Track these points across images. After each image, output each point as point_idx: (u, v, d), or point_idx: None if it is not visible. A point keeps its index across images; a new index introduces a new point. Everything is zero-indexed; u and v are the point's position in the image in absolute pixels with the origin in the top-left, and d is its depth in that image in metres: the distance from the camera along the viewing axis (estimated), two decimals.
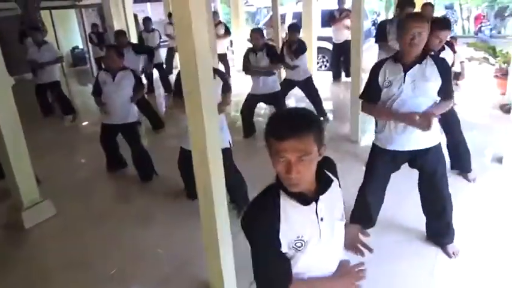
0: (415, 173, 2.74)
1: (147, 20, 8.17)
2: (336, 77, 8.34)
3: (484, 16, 15.81)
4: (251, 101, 5.32)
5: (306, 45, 5.83)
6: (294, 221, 1.23)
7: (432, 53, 2.95)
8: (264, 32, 6.27)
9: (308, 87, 5.78)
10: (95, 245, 3.19)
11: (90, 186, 4.31)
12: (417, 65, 2.41)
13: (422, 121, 2.33)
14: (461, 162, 3.73)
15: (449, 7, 16.66)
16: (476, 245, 2.82)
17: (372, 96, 2.57)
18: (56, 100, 6.94)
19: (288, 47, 5.63)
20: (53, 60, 6.52)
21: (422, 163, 2.63)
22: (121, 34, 6.05)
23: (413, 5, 4.59)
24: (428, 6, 4.87)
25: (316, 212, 1.25)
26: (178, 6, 1.87)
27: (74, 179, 4.48)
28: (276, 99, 5.21)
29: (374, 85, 2.53)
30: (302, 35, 6.64)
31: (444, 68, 2.45)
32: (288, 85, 5.79)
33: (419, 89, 2.39)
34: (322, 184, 1.27)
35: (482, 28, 14.20)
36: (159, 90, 8.32)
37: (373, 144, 2.76)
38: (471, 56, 7.03)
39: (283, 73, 6.65)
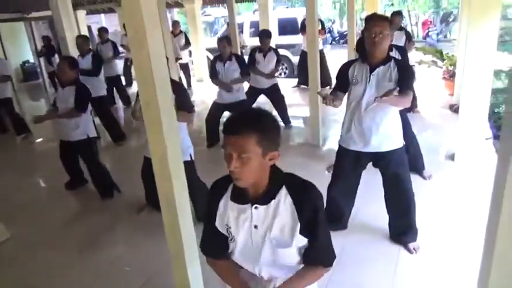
0: (379, 173, 2.83)
1: (102, 30, 7.93)
2: (303, 84, 8.27)
3: (431, 22, 16.71)
4: (216, 109, 5.22)
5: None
6: (228, 210, 1.36)
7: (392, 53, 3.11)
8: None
9: (274, 94, 5.79)
10: (54, 268, 3.01)
11: (47, 205, 4.10)
12: (381, 67, 2.53)
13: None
14: (414, 164, 3.82)
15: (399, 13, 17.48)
16: (435, 240, 2.93)
17: (341, 88, 2.70)
18: (9, 118, 6.59)
19: (263, 56, 5.60)
20: (2, 78, 6.05)
21: (385, 165, 2.72)
22: (81, 38, 5.74)
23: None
24: (397, 16, 5.22)
25: (252, 216, 1.31)
26: (132, 17, 1.84)
27: (29, 199, 4.25)
28: (239, 106, 5.22)
29: (343, 79, 2.68)
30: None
31: (402, 66, 2.54)
32: (254, 93, 5.74)
33: (382, 89, 2.48)
34: (266, 195, 1.30)
35: (430, 33, 15.00)
36: (118, 103, 8.12)
37: (339, 144, 2.86)
38: (420, 60, 7.41)
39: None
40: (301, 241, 1.32)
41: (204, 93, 8.69)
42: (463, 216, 3.21)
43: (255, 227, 1.32)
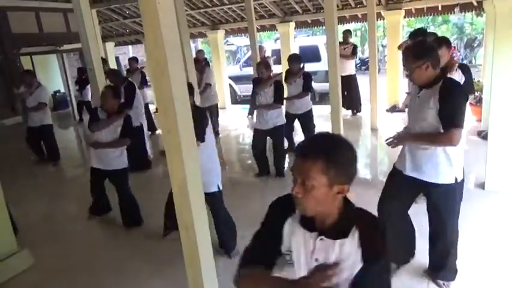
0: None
1: (132, 60, 8.04)
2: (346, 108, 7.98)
3: (454, 47, 16.55)
4: (259, 136, 5.06)
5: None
6: (294, 234, 1.25)
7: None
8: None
9: (307, 121, 5.64)
10: None
11: (72, 232, 4.15)
12: (426, 90, 2.42)
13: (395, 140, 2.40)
14: None
15: None
16: (464, 273, 2.78)
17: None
18: (45, 144, 6.64)
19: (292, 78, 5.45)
20: (43, 103, 6.22)
21: (428, 196, 2.59)
22: (111, 73, 5.67)
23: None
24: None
25: (314, 247, 1.21)
26: (153, 48, 1.89)
27: (54, 226, 4.32)
28: (277, 133, 5.00)
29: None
30: (282, 70, 6.79)
31: (445, 93, 2.32)
32: (290, 118, 5.52)
33: (421, 112, 2.43)
34: (334, 228, 1.20)
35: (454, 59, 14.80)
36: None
37: (393, 164, 2.78)
38: None
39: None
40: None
41: (227, 120, 8.78)
42: (493, 248, 3.04)
43: (316, 260, 1.21)
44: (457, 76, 3.25)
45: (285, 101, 5.25)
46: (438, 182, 2.45)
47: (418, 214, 2.84)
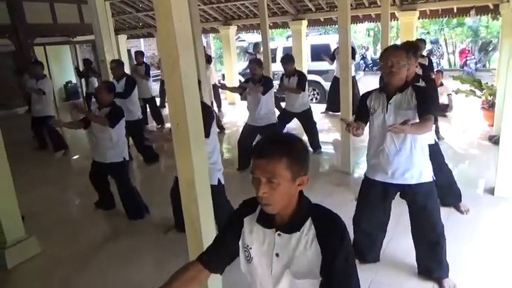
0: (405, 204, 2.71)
1: (138, 54, 8.38)
2: (332, 110, 8.17)
3: (469, 50, 16.33)
4: (249, 131, 5.18)
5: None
6: (253, 231, 1.33)
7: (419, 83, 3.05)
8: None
9: (307, 119, 5.80)
10: (80, 285, 3.05)
11: (78, 222, 4.20)
12: (399, 94, 2.51)
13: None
14: (448, 197, 3.65)
15: (435, 42, 17.26)
16: (472, 278, 2.75)
17: (362, 119, 2.65)
18: (48, 135, 6.90)
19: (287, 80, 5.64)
20: (41, 91, 6.40)
21: (411, 198, 2.62)
22: (115, 63, 5.69)
23: None
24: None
25: (274, 242, 1.27)
26: (165, 41, 1.89)
27: (61, 215, 4.37)
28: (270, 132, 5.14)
29: (363, 109, 2.65)
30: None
31: (422, 93, 2.49)
32: (287, 116, 5.80)
33: (401, 116, 2.44)
34: (291, 223, 1.26)
35: (468, 62, 14.61)
36: (151, 124, 8.34)
37: (364, 174, 2.80)
38: (457, 89, 7.19)
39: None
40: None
41: (236, 116, 8.79)
42: (502, 254, 3.00)
43: (277, 255, 1.28)
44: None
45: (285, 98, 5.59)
46: (422, 182, 2.54)
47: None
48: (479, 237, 3.26)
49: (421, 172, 2.54)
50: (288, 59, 5.75)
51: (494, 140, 5.46)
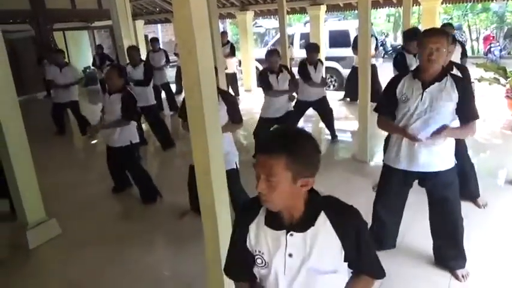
0: (424, 193, 2.67)
1: (154, 41, 8.42)
2: (351, 98, 8.03)
3: (493, 37, 15.80)
4: (265, 123, 5.04)
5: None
6: (261, 235, 1.26)
7: (453, 71, 2.88)
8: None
9: (323, 107, 5.70)
10: (98, 267, 3.13)
11: (97, 205, 4.28)
12: (436, 83, 2.36)
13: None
14: (467, 190, 3.49)
15: (458, 28, 16.73)
16: (490, 271, 2.70)
17: (387, 109, 2.54)
18: (76, 119, 7.12)
19: (314, 68, 5.50)
20: (74, 82, 6.83)
21: (431, 186, 2.57)
22: (133, 49, 5.78)
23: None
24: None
25: (286, 243, 1.22)
26: (182, 26, 1.88)
27: (81, 197, 4.46)
28: (287, 119, 5.01)
29: (391, 97, 2.51)
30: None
31: (463, 87, 2.35)
32: (302, 106, 5.59)
33: (434, 107, 2.35)
34: (302, 221, 1.21)
35: (492, 49, 14.13)
36: (167, 110, 8.39)
37: (384, 163, 2.74)
38: (481, 76, 6.97)
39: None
40: (345, 266, 1.25)
41: (252, 103, 8.75)
42: None
43: (290, 255, 1.22)
44: None
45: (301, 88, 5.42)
46: (443, 169, 2.47)
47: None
48: (497, 228, 3.19)
49: (444, 159, 2.47)
50: (314, 47, 5.65)
51: None
